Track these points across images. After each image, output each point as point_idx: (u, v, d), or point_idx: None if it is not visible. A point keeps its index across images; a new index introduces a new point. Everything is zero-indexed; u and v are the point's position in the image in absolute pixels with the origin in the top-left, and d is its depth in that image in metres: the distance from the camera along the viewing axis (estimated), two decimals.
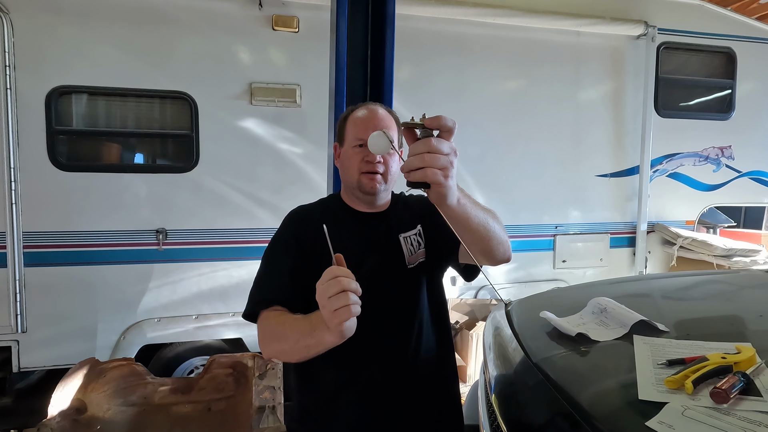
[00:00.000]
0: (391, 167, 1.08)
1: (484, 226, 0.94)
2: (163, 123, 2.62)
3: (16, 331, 2.37)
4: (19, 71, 2.32)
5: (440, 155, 0.76)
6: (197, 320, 2.63)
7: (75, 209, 2.44)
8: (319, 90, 2.56)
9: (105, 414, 2.17)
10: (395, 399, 1.05)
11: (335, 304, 0.75)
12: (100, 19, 2.43)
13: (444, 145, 0.77)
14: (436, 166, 0.75)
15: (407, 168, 0.77)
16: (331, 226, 1.04)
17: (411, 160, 0.76)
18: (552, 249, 3.25)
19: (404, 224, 1.13)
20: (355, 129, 1.08)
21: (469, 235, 0.93)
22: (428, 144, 0.76)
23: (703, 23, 3.37)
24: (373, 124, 1.05)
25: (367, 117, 1.08)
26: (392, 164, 1.09)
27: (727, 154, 3.53)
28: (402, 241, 1.11)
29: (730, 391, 0.77)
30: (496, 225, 0.99)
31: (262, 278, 1.04)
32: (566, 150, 3.22)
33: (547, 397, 0.94)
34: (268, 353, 0.94)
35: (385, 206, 1.15)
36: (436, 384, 1.12)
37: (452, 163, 0.77)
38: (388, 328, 1.06)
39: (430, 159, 0.75)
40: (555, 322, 1.21)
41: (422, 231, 1.13)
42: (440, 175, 0.76)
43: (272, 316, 0.95)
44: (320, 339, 0.82)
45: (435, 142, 0.76)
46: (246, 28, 2.60)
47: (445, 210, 0.83)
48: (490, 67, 3.04)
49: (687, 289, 1.65)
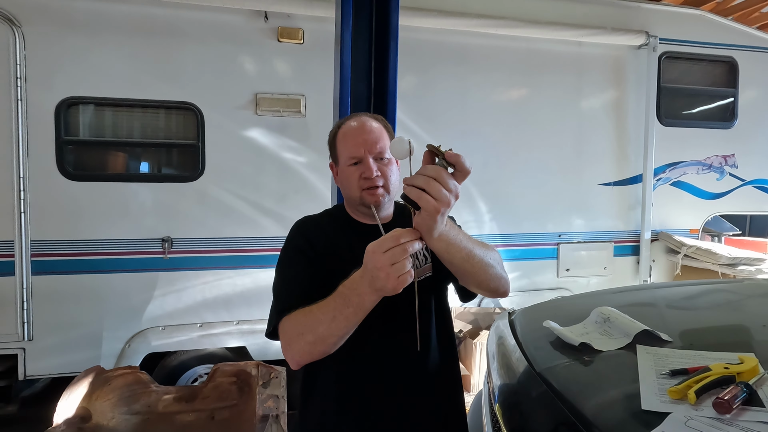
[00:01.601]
0: (390, 177, 1.06)
1: (470, 263, 0.94)
2: (170, 133, 2.66)
3: (23, 339, 2.39)
4: (30, 83, 2.37)
5: (444, 189, 0.77)
6: (201, 329, 2.64)
7: (82, 218, 2.47)
8: (323, 100, 2.59)
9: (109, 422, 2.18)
10: (400, 409, 1.05)
11: (400, 269, 0.78)
12: (108, 32, 2.48)
13: (451, 182, 0.79)
14: (435, 195, 0.77)
15: (410, 182, 0.78)
16: (337, 236, 1.08)
17: (418, 177, 0.78)
18: (555, 257, 3.24)
19: None
20: (346, 148, 1.07)
21: (453, 268, 0.96)
22: (439, 172, 0.78)
23: (704, 33, 3.39)
24: (362, 139, 1.04)
25: (356, 133, 1.06)
26: (391, 175, 1.07)
27: (730, 163, 3.53)
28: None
29: (733, 401, 0.77)
30: (490, 262, 0.98)
31: (280, 288, 1.02)
32: (569, 159, 3.23)
33: (551, 407, 0.94)
34: (297, 352, 0.91)
35: (388, 218, 1.13)
36: (441, 394, 1.11)
37: (450, 203, 0.79)
38: (394, 341, 1.05)
39: (434, 186, 0.77)
40: (558, 331, 1.21)
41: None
42: (433, 205, 0.77)
43: (292, 316, 0.93)
44: (360, 303, 0.84)
45: (446, 174, 0.78)
46: (252, 39, 2.64)
47: (426, 238, 0.84)
48: (492, 77, 3.07)
49: (690, 298, 1.65)
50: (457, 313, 3.12)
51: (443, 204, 0.78)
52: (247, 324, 2.68)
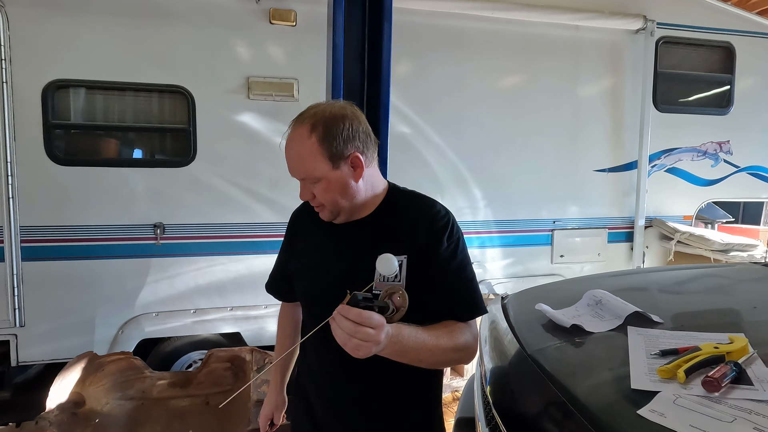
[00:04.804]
0: (326, 194, 0.95)
1: (421, 363, 0.90)
2: (161, 117, 2.61)
3: (15, 325, 2.37)
4: (15, 64, 2.31)
5: (369, 329, 0.76)
6: (195, 314, 2.63)
7: (72, 203, 2.44)
8: (316, 84, 2.54)
9: (103, 408, 2.18)
10: (338, 396, 1.03)
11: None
12: (96, 13, 2.41)
13: (376, 319, 0.77)
14: (362, 339, 0.76)
15: (336, 327, 0.76)
16: (312, 230, 1.08)
17: (343, 323, 0.76)
18: (550, 244, 3.25)
19: (388, 244, 0.91)
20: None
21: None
22: (361, 318, 0.75)
23: (702, 17, 3.35)
24: (289, 165, 0.96)
25: (285, 155, 0.96)
26: (326, 192, 0.95)
27: (725, 149, 3.53)
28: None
29: (722, 380, 0.77)
30: (443, 360, 0.93)
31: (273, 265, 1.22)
32: (564, 145, 3.21)
33: (541, 388, 0.94)
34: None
35: (366, 213, 1.01)
36: (377, 383, 1.00)
37: (378, 340, 0.77)
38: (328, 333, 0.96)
39: (359, 332, 0.75)
40: (550, 314, 1.21)
41: (405, 264, 0.94)
42: (359, 349, 0.76)
43: (279, 325, 1.27)
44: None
45: (370, 316, 0.76)
46: (243, 21, 2.59)
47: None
48: (488, 62, 3.03)
49: (682, 282, 1.65)
50: None
51: (371, 345, 0.76)
52: (240, 310, 2.67)
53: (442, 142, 2.94)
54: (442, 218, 0.98)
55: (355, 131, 0.94)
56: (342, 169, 0.94)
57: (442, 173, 2.98)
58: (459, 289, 0.96)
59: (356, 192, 0.97)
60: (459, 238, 0.99)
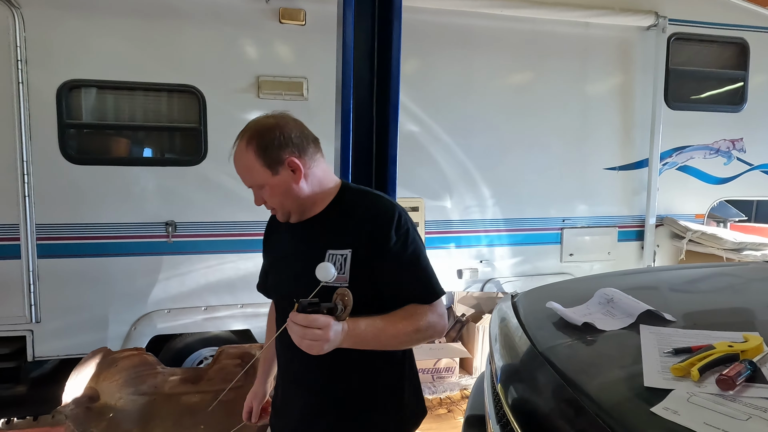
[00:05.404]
0: (276, 198, 1.05)
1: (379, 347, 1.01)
2: (172, 116, 2.64)
3: (31, 321, 2.42)
4: (30, 66, 2.35)
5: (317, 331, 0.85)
6: (206, 312, 2.66)
7: (86, 202, 2.48)
8: (325, 83, 2.55)
9: (117, 402, 2.21)
10: (294, 393, 1.14)
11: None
12: (108, 14, 2.44)
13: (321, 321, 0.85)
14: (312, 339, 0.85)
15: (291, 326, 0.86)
16: (279, 229, 1.17)
17: (293, 328, 0.86)
18: (559, 242, 3.23)
19: (335, 239, 1.03)
20: None
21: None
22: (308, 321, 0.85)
23: (715, 13, 3.31)
24: (240, 177, 1.07)
25: (235, 169, 1.08)
26: (275, 196, 1.05)
27: (738, 147, 3.48)
28: (327, 257, 1.02)
29: (737, 378, 0.77)
30: (404, 341, 1.01)
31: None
32: (574, 143, 3.19)
33: (553, 385, 0.94)
34: None
35: (317, 211, 1.08)
36: (327, 377, 1.07)
37: (327, 338, 0.86)
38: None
39: (307, 334, 0.85)
40: (561, 312, 1.21)
41: (350, 258, 1.00)
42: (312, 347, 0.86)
43: (268, 322, 1.33)
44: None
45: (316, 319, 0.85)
46: (253, 21, 2.60)
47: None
48: (496, 60, 3.02)
49: (694, 281, 1.64)
50: (459, 298, 3.13)
51: (322, 343, 0.85)
52: (251, 307, 2.69)
53: (450, 140, 2.94)
54: (386, 213, 1.04)
55: (287, 138, 1.04)
56: (281, 174, 1.03)
57: (450, 171, 2.98)
58: (415, 277, 1.03)
59: (300, 192, 1.05)
60: (408, 230, 1.04)
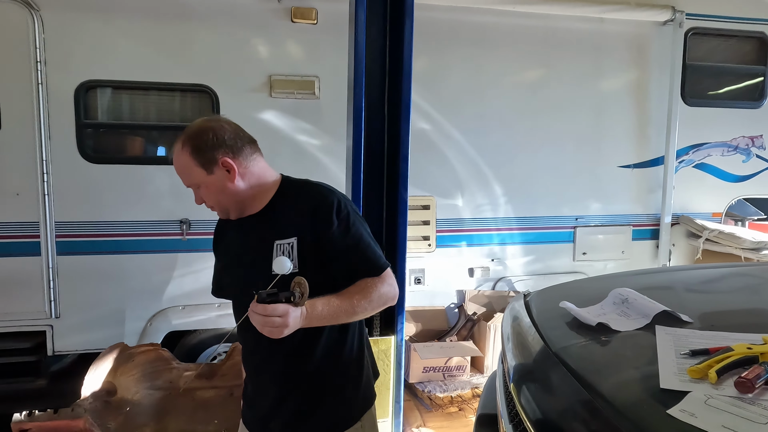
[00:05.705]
0: (212, 197, 1.12)
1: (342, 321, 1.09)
2: (186, 116, 2.67)
3: (51, 317, 2.48)
4: (49, 66, 2.40)
5: (276, 318, 0.92)
6: (220, 308, 2.69)
7: (103, 200, 2.53)
8: (337, 82, 2.56)
9: (133, 396, 2.26)
10: (262, 381, 1.22)
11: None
12: (124, 15, 2.48)
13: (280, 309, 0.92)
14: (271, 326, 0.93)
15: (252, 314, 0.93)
16: (225, 229, 1.23)
17: (254, 317, 0.94)
18: (572, 241, 3.20)
19: (280, 230, 1.11)
20: None
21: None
22: (266, 311, 0.92)
23: (733, 7, 3.23)
24: (180, 178, 1.14)
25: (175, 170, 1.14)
26: (211, 195, 1.12)
27: (757, 144, 3.40)
28: (275, 248, 1.09)
29: (756, 381, 0.76)
30: (360, 311, 1.08)
31: None
32: (588, 140, 3.15)
33: (567, 386, 0.94)
34: None
35: (260, 206, 1.16)
36: (289, 362, 1.16)
37: (287, 324, 0.93)
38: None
39: (267, 322, 0.93)
40: (575, 312, 1.20)
41: (296, 245, 1.08)
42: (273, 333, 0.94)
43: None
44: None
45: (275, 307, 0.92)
46: (265, 20, 2.62)
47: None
48: (509, 57, 2.99)
49: (712, 281, 1.61)
50: (471, 296, 3.12)
51: (282, 328, 0.92)
52: None
53: (462, 138, 2.92)
54: (325, 200, 1.10)
55: (220, 140, 1.10)
56: (216, 174, 1.10)
57: (462, 169, 2.96)
58: (361, 256, 1.10)
59: (236, 190, 1.12)
60: (348, 213, 1.12)
